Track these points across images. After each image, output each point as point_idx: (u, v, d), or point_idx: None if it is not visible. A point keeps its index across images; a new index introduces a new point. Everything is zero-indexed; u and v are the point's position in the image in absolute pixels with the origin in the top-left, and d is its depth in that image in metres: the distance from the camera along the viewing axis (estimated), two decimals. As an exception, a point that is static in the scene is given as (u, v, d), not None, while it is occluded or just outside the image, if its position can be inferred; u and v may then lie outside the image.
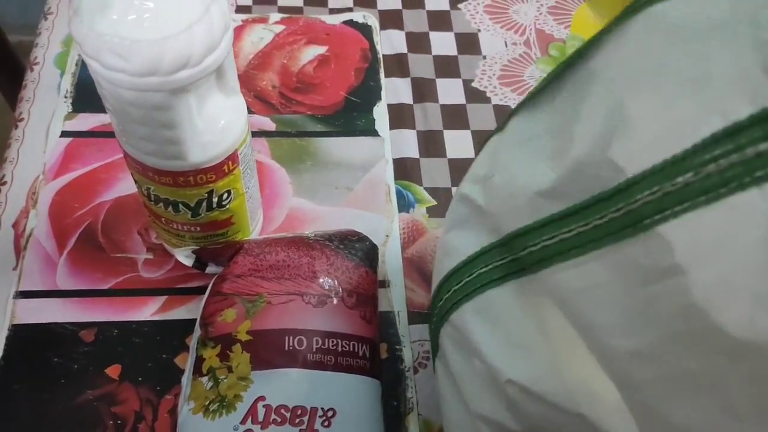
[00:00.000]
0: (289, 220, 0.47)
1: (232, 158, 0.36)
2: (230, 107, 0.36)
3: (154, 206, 0.38)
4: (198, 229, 0.40)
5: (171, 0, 0.28)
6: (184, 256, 0.42)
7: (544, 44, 0.58)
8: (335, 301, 0.39)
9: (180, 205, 0.38)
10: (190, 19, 0.29)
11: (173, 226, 0.40)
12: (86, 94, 0.51)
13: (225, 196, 0.38)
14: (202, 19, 0.29)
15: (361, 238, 0.43)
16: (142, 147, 0.34)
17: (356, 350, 0.39)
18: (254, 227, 0.44)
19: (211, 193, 0.37)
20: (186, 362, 0.41)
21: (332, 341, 0.38)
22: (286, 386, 0.37)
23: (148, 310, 0.42)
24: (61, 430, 0.38)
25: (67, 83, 0.51)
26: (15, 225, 0.45)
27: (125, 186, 0.47)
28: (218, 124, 0.35)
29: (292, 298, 0.39)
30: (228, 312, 0.38)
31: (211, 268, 0.42)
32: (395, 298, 0.44)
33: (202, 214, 0.39)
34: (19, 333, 0.41)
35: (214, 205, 0.38)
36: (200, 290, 0.43)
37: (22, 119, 0.50)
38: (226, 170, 0.37)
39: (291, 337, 0.38)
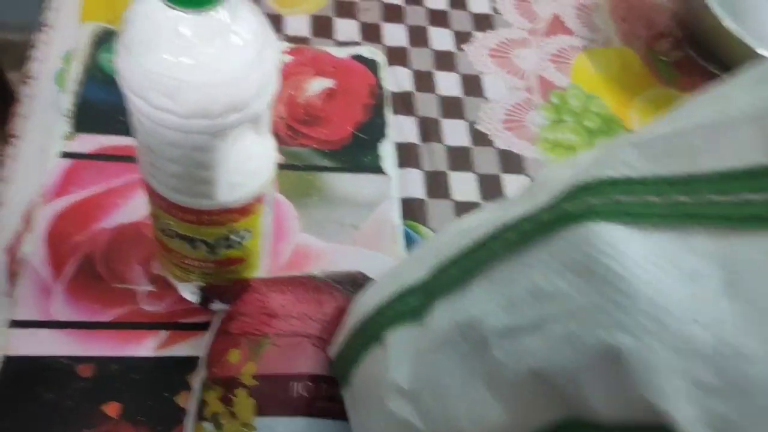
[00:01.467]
0: (295, 255, 0.46)
1: (259, 199, 0.36)
2: (262, 148, 0.35)
3: (169, 241, 0.37)
4: (211, 266, 0.39)
5: (225, 42, 0.28)
6: (189, 292, 0.41)
7: (546, 91, 0.59)
8: (346, 346, 0.39)
9: (198, 242, 0.36)
10: (244, 63, 0.28)
11: (185, 261, 0.39)
12: (88, 114, 0.49)
13: (244, 235, 0.37)
14: (256, 64, 0.28)
15: (370, 281, 0.42)
16: (171, 184, 0.33)
17: (367, 396, 0.38)
18: (262, 263, 0.43)
19: (231, 231, 0.36)
20: (187, 401, 0.40)
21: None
22: (295, 435, 0.36)
23: (148, 345, 0.41)
24: (56, 472, 0.36)
25: (67, 101, 0.49)
26: (9, 249, 0.43)
27: (126, 213, 0.45)
28: (250, 164, 0.34)
29: (300, 340, 0.38)
30: (232, 353, 0.37)
31: (215, 305, 0.41)
32: (401, 342, 0.44)
33: (219, 252, 0.38)
34: (12, 365, 0.39)
35: (233, 244, 0.37)
36: (203, 326, 0.42)
37: (16, 136, 0.47)
38: (250, 210, 0.36)
39: (297, 383, 0.37)
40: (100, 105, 0.50)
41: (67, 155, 0.47)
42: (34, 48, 0.52)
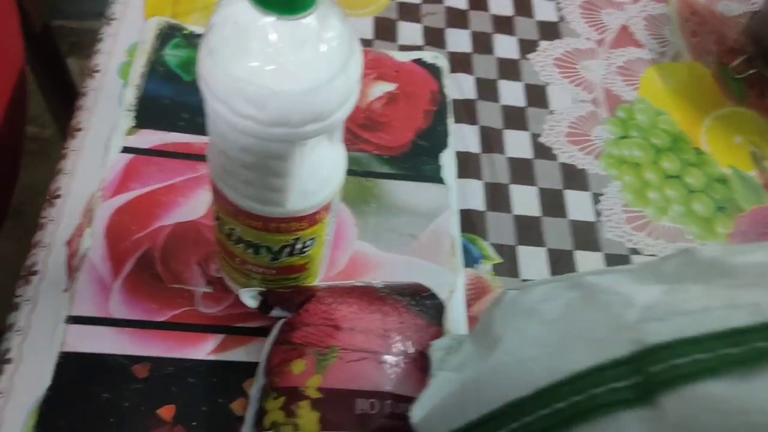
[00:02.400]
0: (352, 264, 0.45)
1: (326, 207, 0.35)
2: (334, 156, 0.34)
3: (233, 246, 0.37)
4: (273, 272, 0.38)
5: (313, 50, 0.27)
6: (249, 297, 0.40)
7: (612, 105, 0.57)
8: (408, 362, 0.38)
9: (262, 248, 0.36)
10: (330, 73, 0.27)
11: (247, 266, 0.38)
12: (151, 110, 0.49)
13: (309, 243, 0.36)
14: (341, 73, 0.27)
15: (431, 295, 0.41)
16: (242, 190, 0.32)
17: (425, 416, 0.37)
18: (321, 270, 0.42)
19: (297, 239, 0.36)
20: (243, 409, 0.39)
21: (404, 406, 0.36)
22: (356, 452, 0.35)
23: (204, 348, 0.40)
24: (110, 473, 0.36)
25: (130, 95, 0.49)
26: (69, 243, 0.43)
27: (185, 211, 0.45)
28: (321, 173, 0.33)
29: (365, 356, 0.37)
30: (297, 363, 0.37)
31: (275, 312, 0.40)
32: (457, 359, 0.43)
33: (282, 259, 0.37)
34: (69, 361, 0.38)
35: (296, 252, 0.37)
36: (260, 331, 0.41)
37: (80, 129, 0.47)
38: (318, 219, 0.35)
39: (363, 400, 0.36)
40: (163, 100, 0.50)
41: (128, 150, 0.47)
42: (100, 41, 0.52)
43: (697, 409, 0.21)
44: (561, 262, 0.48)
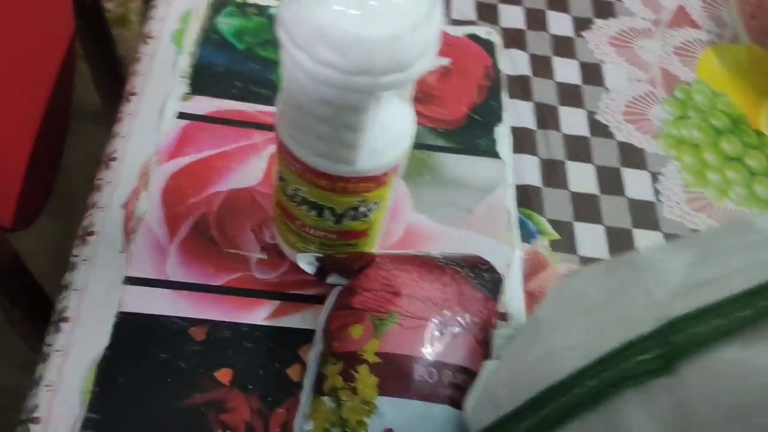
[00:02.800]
0: (407, 235, 0.45)
1: (394, 169, 0.34)
2: (404, 117, 0.33)
3: (295, 208, 0.36)
4: (334, 237, 0.37)
5: (397, -3, 0.26)
6: (306, 263, 0.39)
7: (670, 85, 0.55)
8: (466, 334, 0.37)
9: (326, 210, 0.35)
10: (415, 20, 0.26)
11: (307, 230, 0.37)
12: (205, 76, 0.48)
13: (373, 206, 0.36)
14: (425, 22, 0.27)
15: (490, 268, 0.40)
16: (313, 147, 0.31)
17: (485, 388, 0.36)
18: (378, 243, 0.42)
19: (362, 202, 0.35)
20: (298, 375, 0.38)
21: (463, 377, 0.36)
22: (415, 420, 0.34)
23: (260, 314, 0.40)
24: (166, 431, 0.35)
25: (184, 62, 0.49)
26: (125, 205, 0.42)
27: (239, 178, 0.45)
28: (391, 132, 0.32)
29: (424, 323, 0.36)
30: (355, 328, 0.36)
31: (332, 278, 0.40)
32: (514, 333, 0.42)
33: (345, 223, 0.36)
34: (127, 322, 0.38)
35: (360, 216, 0.36)
36: (315, 298, 0.41)
37: (135, 93, 0.47)
38: (385, 181, 0.34)
39: (422, 367, 0.35)
40: (217, 68, 0.49)
41: (183, 116, 0.47)
42: (154, 8, 0.52)
43: (715, 375, 0.22)
44: (619, 240, 0.47)
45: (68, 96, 0.59)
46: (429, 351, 0.35)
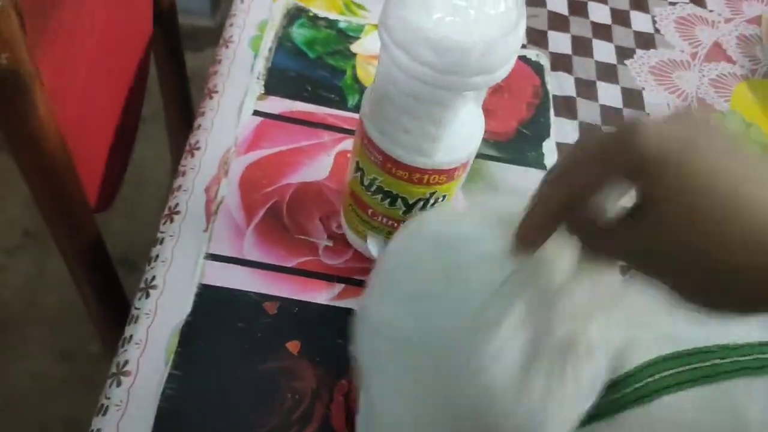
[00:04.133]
0: (460, 234, 0.48)
1: (464, 165, 0.38)
2: (476, 117, 0.37)
3: (369, 197, 0.40)
4: (398, 226, 0.41)
5: (493, 6, 0.30)
6: (375, 244, 0.43)
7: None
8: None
9: (399, 200, 0.39)
10: (505, 29, 0.30)
11: (378, 218, 0.41)
12: (278, 79, 0.53)
13: (441, 198, 0.40)
14: (513, 33, 0.31)
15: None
16: (398, 138, 0.35)
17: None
18: None
19: (433, 194, 0.39)
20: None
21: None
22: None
23: (326, 294, 0.44)
24: (243, 393, 0.39)
25: (260, 66, 0.53)
26: (207, 190, 0.46)
27: (309, 172, 0.49)
28: (465, 130, 0.36)
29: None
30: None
31: None
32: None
33: (414, 213, 0.40)
34: (207, 293, 0.42)
35: (428, 206, 0.40)
36: (375, 285, 0.44)
37: (216, 91, 0.52)
38: (455, 175, 0.38)
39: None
40: (289, 72, 0.54)
41: (258, 113, 0.51)
42: (233, 16, 0.56)
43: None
44: (655, 252, 0.50)
45: (141, 95, 0.63)
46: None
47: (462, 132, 0.36)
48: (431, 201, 0.39)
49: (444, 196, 0.39)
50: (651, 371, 0.28)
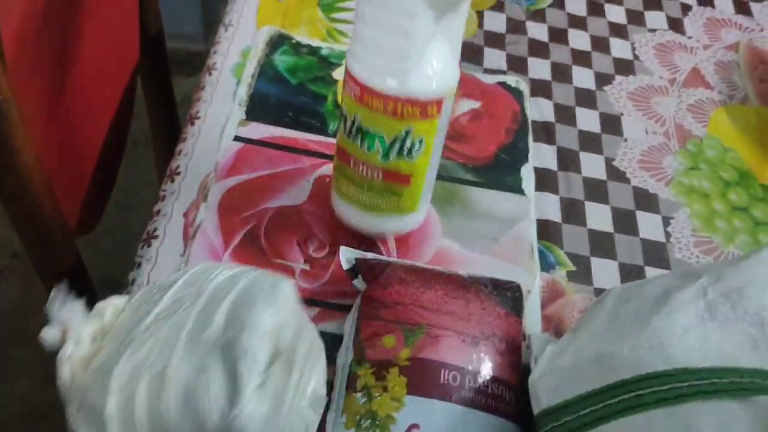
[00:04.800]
0: (437, 258, 0.49)
1: (438, 104, 0.40)
2: (450, 59, 0.40)
3: (351, 143, 0.42)
4: (380, 176, 0.42)
5: None
6: (346, 258, 0.43)
7: (683, 138, 0.60)
8: (488, 344, 0.41)
9: (376, 140, 0.40)
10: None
11: (359, 169, 0.42)
12: (260, 105, 0.54)
13: (417, 144, 0.41)
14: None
15: (513, 288, 0.44)
16: (372, 62, 0.38)
17: (504, 395, 0.40)
18: (421, 211, 0.47)
19: (408, 132, 0.40)
20: (333, 375, 0.42)
21: (484, 382, 0.39)
22: (439, 419, 0.38)
23: (302, 319, 0.44)
24: None
25: (243, 92, 0.54)
26: (186, 214, 0.47)
27: (288, 197, 0.49)
28: (438, 64, 0.39)
29: (450, 334, 0.40)
30: (387, 338, 0.40)
31: (357, 281, 0.43)
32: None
33: (391, 158, 0.41)
34: (182, 317, 0.42)
35: (405, 151, 0.41)
36: (350, 308, 0.44)
37: (198, 117, 0.52)
38: (429, 113, 0.40)
39: (447, 371, 0.39)
40: (271, 98, 0.54)
41: (239, 139, 0.52)
42: (218, 43, 0.57)
43: None
44: (632, 276, 0.50)
45: (127, 121, 0.64)
46: (454, 358, 0.39)
47: (435, 66, 0.39)
48: (408, 142, 0.40)
49: (420, 141, 0.41)
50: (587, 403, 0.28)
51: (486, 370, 0.40)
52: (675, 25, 0.69)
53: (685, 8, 0.71)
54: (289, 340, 0.32)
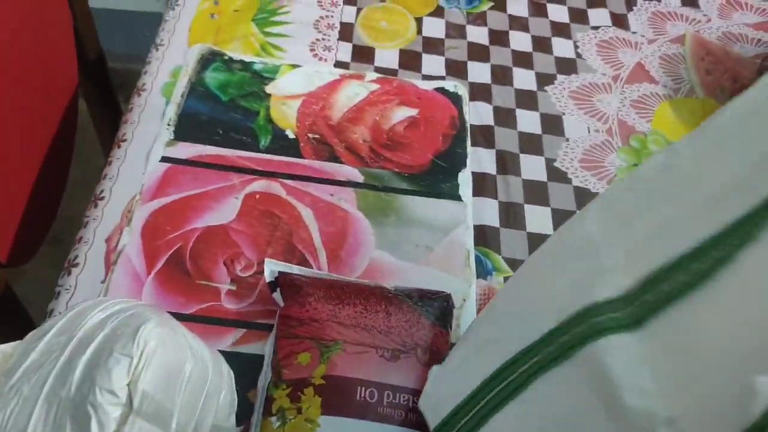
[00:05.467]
0: (369, 270, 0.48)
1: None
2: None
3: None
4: None
5: None
6: (270, 271, 0.42)
7: (626, 135, 0.59)
8: (409, 356, 0.40)
9: None
10: None
11: None
12: (189, 124, 0.53)
13: None
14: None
15: (440, 298, 0.43)
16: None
17: (429, 409, 0.39)
18: None
19: None
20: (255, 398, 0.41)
21: (403, 396, 0.38)
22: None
23: (227, 341, 0.43)
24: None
25: (171, 112, 0.53)
26: (108, 240, 0.46)
27: (216, 216, 0.48)
28: None
29: (367, 349, 0.39)
30: (303, 355, 0.39)
31: (276, 294, 0.42)
32: (467, 363, 0.44)
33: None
34: (101, 345, 0.41)
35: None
36: (278, 328, 0.43)
37: (125, 140, 0.52)
38: None
39: (363, 388, 0.38)
40: (201, 117, 0.54)
41: (166, 159, 0.51)
42: (148, 63, 0.57)
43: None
44: (571, 278, 0.49)
45: (68, 147, 0.64)
46: (371, 374, 0.38)
47: None
48: None
49: None
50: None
51: (407, 383, 0.39)
52: (619, 21, 0.69)
53: (630, 3, 0.70)
54: (156, 387, 0.30)
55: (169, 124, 0.53)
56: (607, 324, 0.27)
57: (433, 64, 0.62)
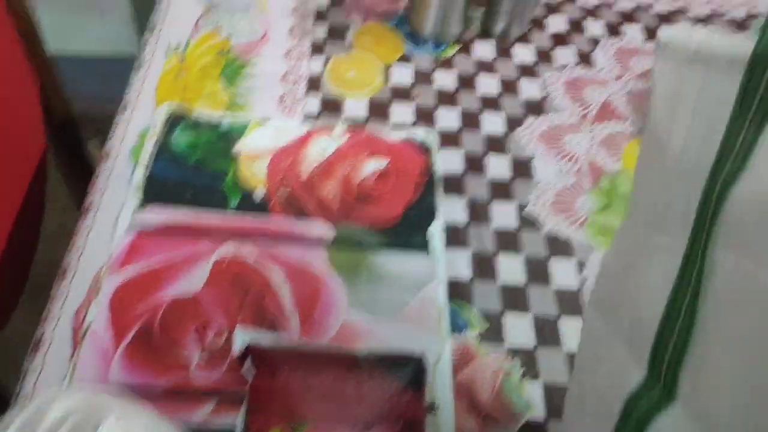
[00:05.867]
0: (343, 331, 0.47)
1: None
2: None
3: None
4: None
5: None
6: (242, 341, 0.42)
7: (596, 175, 0.59)
8: (383, 426, 0.39)
9: None
10: None
11: None
12: (157, 188, 0.53)
13: None
14: None
15: (413, 362, 0.43)
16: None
17: (404, 480, 0.38)
18: None
19: None
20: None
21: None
22: None
23: (199, 413, 0.42)
24: None
25: (139, 175, 0.53)
26: (76, 314, 0.45)
27: (185, 285, 0.48)
28: None
29: (336, 426, 0.39)
30: (273, 431, 0.39)
31: (247, 365, 0.42)
32: (443, 424, 0.44)
33: None
34: (69, 428, 0.40)
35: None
36: (251, 398, 0.43)
37: (92, 208, 0.51)
38: None
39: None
40: (169, 180, 0.53)
41: (135, 226, 0.50)
42: (115, 126, 0.57)
43: None
44: (546, 329, 0.49)
45: (37, 212, 0.63)
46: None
47: None
48: None
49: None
50: None
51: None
52: (585, 58, 0.69)
53: (594, 41, 0.71)
54: None
55: (137, 189, 0.52)
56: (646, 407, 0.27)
57: (401, 112, 0.62)
